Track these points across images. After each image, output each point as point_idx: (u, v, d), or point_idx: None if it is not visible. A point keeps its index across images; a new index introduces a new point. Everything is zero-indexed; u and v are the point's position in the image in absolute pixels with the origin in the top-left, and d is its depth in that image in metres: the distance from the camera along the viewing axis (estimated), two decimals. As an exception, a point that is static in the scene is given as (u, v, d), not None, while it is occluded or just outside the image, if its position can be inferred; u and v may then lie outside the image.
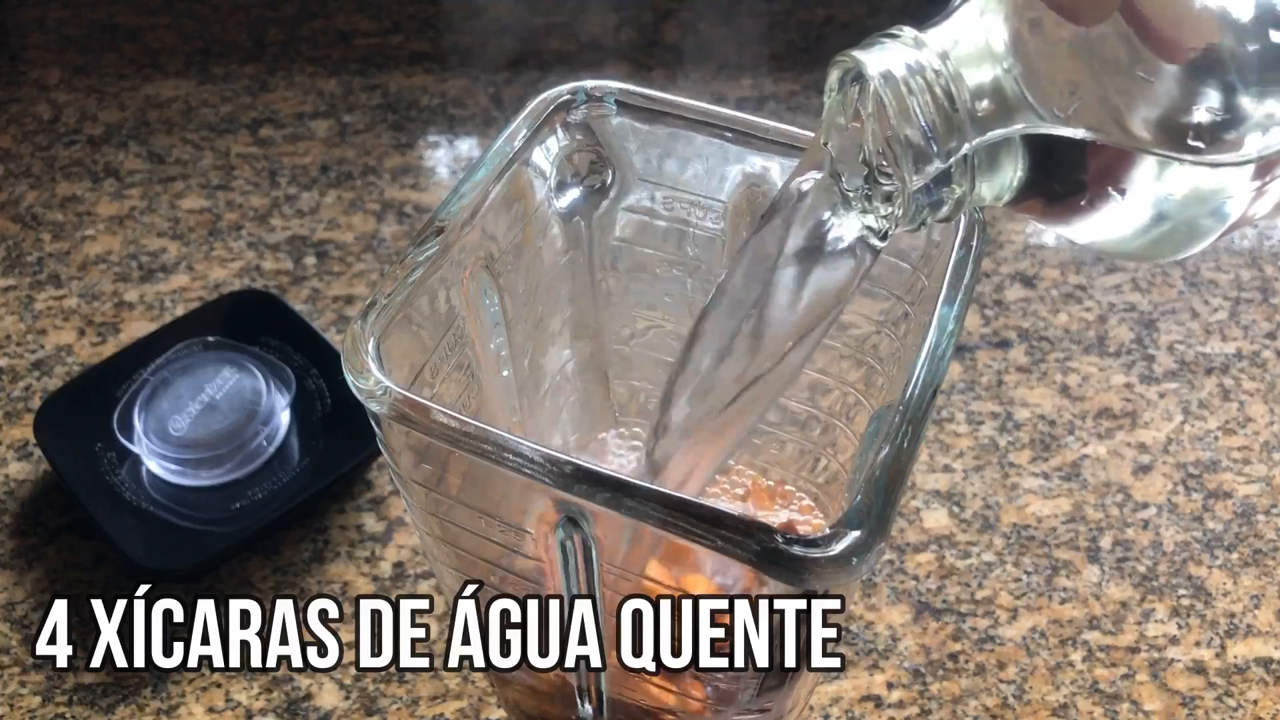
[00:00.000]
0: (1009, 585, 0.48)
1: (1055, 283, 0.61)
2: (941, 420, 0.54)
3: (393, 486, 0.51)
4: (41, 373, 0.56)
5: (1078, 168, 0.25)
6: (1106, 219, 0.26)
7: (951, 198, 0.27)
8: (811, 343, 0.30)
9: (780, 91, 0.72)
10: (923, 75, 0.25)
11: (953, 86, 0.25)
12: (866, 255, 0.29)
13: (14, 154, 0.67)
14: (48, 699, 0.44)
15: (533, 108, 0.35)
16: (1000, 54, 0.25)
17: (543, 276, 0.37)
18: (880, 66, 0.26)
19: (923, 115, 0.25)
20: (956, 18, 0.26)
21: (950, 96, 0.25)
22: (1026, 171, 0.26)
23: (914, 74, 0.25)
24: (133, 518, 0.47)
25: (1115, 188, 0.25)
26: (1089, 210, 0.26)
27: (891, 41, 0.26)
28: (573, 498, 0.27)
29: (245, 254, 0.61)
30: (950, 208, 0.27)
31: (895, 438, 0.27)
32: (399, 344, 0.30)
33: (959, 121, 0.25)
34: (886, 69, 0.25)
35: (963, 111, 0.25)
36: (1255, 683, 0.46)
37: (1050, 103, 0.25)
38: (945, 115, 0.25)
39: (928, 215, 0.27)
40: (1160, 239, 0.26)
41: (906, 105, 0.25)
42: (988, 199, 0.27)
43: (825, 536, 0.25)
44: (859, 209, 0.28)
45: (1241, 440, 0.54)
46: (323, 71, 0.73)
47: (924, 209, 0.27)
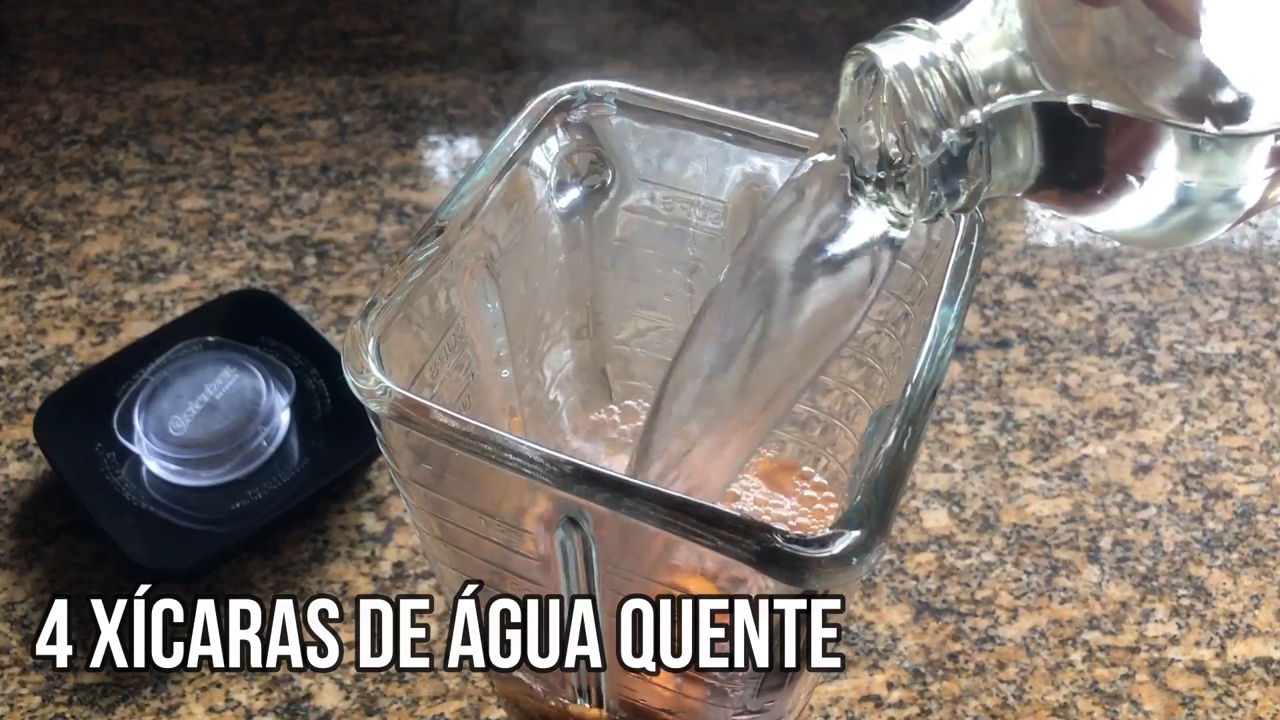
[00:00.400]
0: (1009, 585, 0.48)
1: (1055, 283, 0.61)
2: (941, 420, 0.54)
3: (393, 486, 0.51)
4: (41, 373, 0.56)
5: (1095, 155, 0.25)
6: (1124, 207, 0.26)
7: (968, 188, 0.27)
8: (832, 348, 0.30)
9: (780, 91, 0.72)
10: (936, 66, 0.25)
11: (966, 76, 0.25)
12: (885, 251, 0.29)
13: (14, 154, 0.67)
14: (48, 699, 0.44)
15: (533, 108, 0.35)
16: (1016, 40, 0.25)
17: (543, 277, 0.37)
18: (894, 59, 0.26)
19: (936, 104, 0.25)
20: (970, 8, 0.26)
21: (964, 85, 0.25)
22: (1043, 160, 0.26)
23: (928, 66, 0.25)
24: (133, 518, 0.47)
25: (1134, 175, 0.25)
26: (1106, 198, 0.26)
27: (906, 34, 0.26)
28: (573, 497, 0.27)
29: (245, 254, 0.61)
30: (967, 198, 0.27)
31: (895, 438, 0.27)
32: (399, 344, 0.30)
33: (973, 111, 0.25)
34: (901, 61, 0.26)
35: (976, 99, 0.25)
36: (1255, 683, 0.46)
37: (1069, 88, 0.25)
38: (959, 103, 0.25)
39: (945, 206, 0.27)
40: (1177, 226, 0.26)
41: (920, 95, 0.25)
42: (1005, 189, 0.27)
43: (825, 536, 0.25)
44: (874, 199, 0.28)
45: (1241, 440, 0.54)
46: (323, 71, 0.73)
47: (940, 199, 0.27)
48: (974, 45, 0.26)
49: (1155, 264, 0.62)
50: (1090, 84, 0.24)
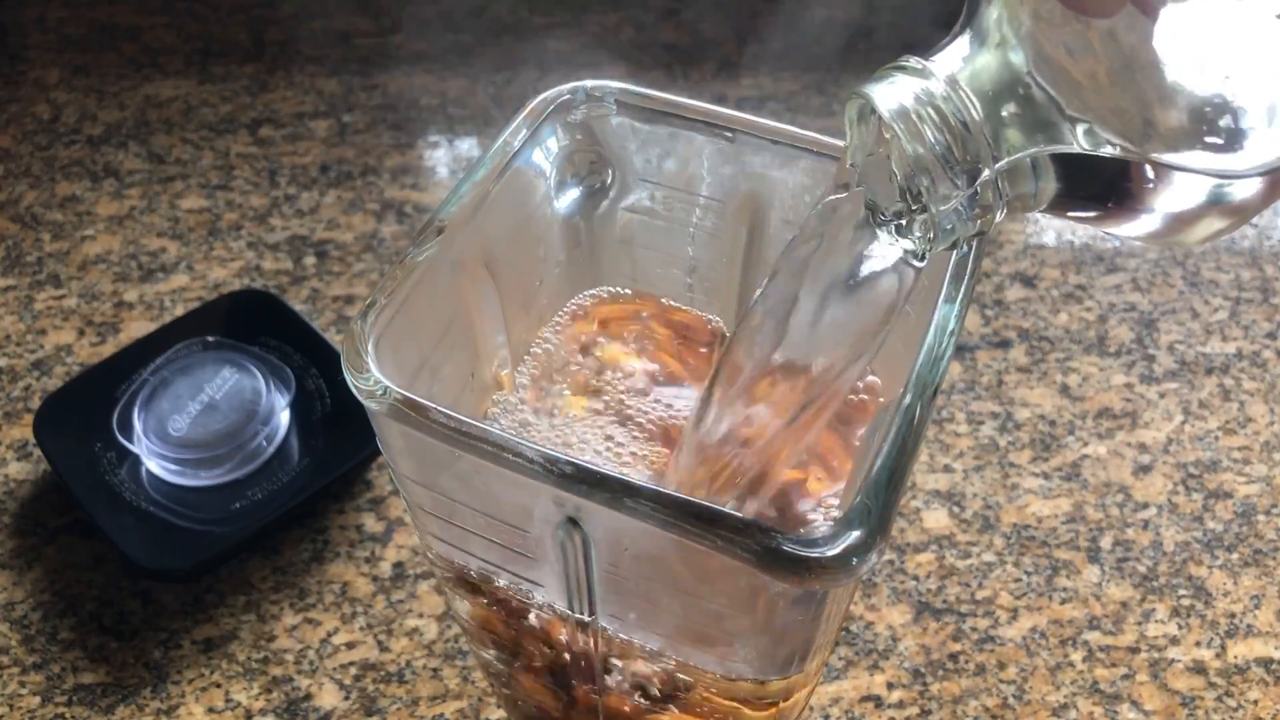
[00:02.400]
0: (1009, 585, 0.48)
1: (1055, 283, 0.61)
2: (941, 420, 0.54)
3: (393, 486, 0.51)
4: (41, 373, 0.56)
5: (1111, 176, 0.25)
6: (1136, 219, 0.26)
7: (982, 216, 0.27)
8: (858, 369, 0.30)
9: (780, 91, 0.72)
10: (932, 104, 0.25)
11: (964, 110, 0.25)
12: (909, 274, 0.29)
13: (14, 154, 0.67)
14: (48, 699, 0.44)
15: (533, 108, 0.35)
16: (1015, 64, 0.25)
17: (543, 276, 0.37)
18: (890, 103, 0.26)
19: (937, 144, 0.25)
20: (959, 41, 0.26)
21: (964, 120, 0.25)
22: (1059, 183, 0.26)
23: (923, 104, 0.25)
24: (133, 518, 0.47)
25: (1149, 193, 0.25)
26: (1118, 213, 0.26)
27: (899, 74, 0.26)
28: (573, 497, 0.27)
29: (245, 254, 0.61)
30: (982, 224, 0.27)
31: (895, 438, 0.27)
32: (399, 344, 0.30)
33: (975, 144, 0.25)
34: (897, 103, 0.26)
35: (976, 132, 0.25)
36: (1255, 683, 0.46)
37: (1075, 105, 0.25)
38: (960, 139, 0.25)
39: (960, 235, 0.27)
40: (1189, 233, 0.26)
41: (921, 134, 0.25)
42: (1019, 210, 0.27)
43: (825, 536, 0.25)
44: (893, 234, 0.28)
45: (1241, 440, 0.54)
46: (323, 71, 0.73)
47: (955, 230, 0.27)
48: (967, 74, 0.26)
49: (1155, 264, 0.62)
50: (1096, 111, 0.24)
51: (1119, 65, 0.25)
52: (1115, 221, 0.26)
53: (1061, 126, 0.25)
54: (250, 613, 0.47)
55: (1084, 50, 0.25)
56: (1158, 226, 0.26)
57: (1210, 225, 0.25)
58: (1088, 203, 0.26)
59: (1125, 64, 0.24)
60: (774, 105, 0.71)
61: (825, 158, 0.34)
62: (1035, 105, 0.25)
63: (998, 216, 0.27)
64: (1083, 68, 0.25)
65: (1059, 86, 0.25)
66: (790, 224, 0.35)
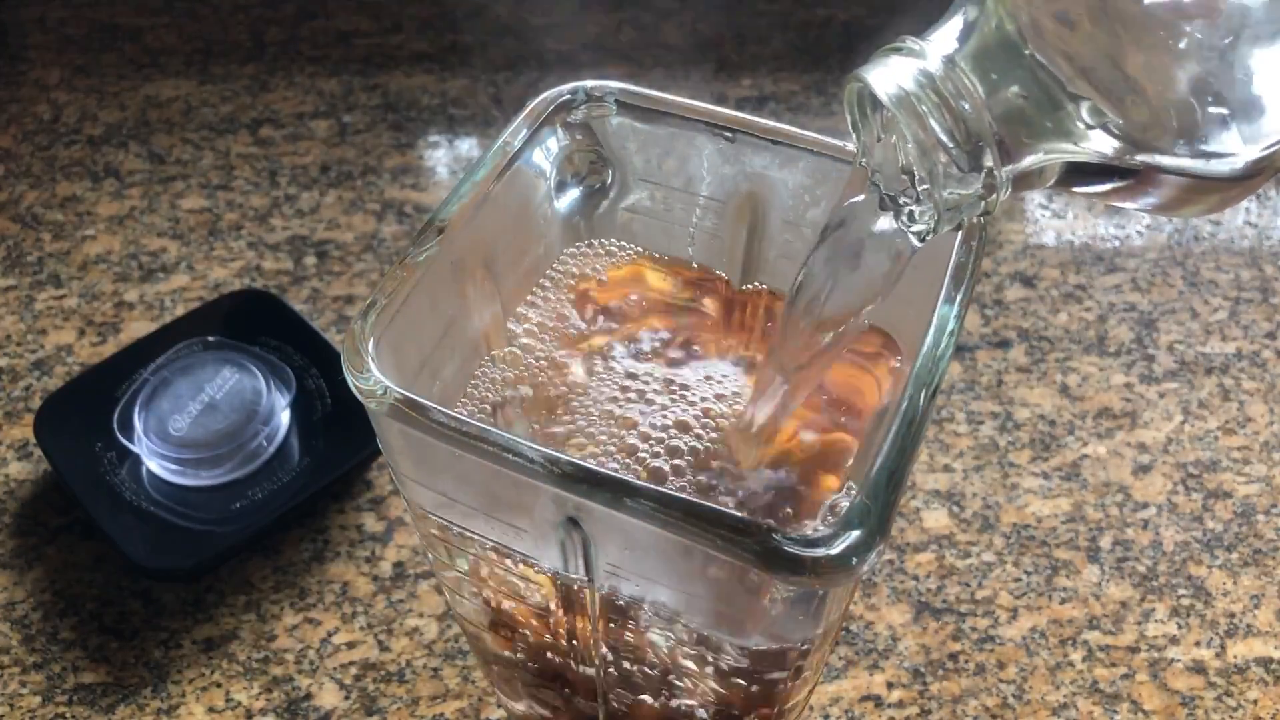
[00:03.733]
0: (1009, 585, 0.48)
1: (1055, 283, 0.61)
2: (941, 420, 0.54)
3: (393, 486, 0.51)
4: (41, 373, 0.56)
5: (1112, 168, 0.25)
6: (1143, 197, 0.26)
7: (987, 196, 0.27)
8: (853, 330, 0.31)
9: (780, 91, 0.72)
10: (931, 85, 0.25)
11: (964, 89, 0.25)
12: (909, 247, 0.29)
13: (14, 154, 0.67)
14: (48, 699, 0.44)
15: (533, 108, 0.35)
16: (1013, 41, 0.25)
17: (543, 276, 0.37)
18: (889, 86, 0.25)
19: (939, 127, 0.25)
20: (955, 20, 0.26)
21: (964, 100, 0.25)
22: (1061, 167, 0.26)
23: (922, 86, 0.25)
24: (133, 518, 0.47)
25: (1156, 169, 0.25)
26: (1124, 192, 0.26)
27: (895, 55, 0.26)
28: (573, 497, 0.27)
29: (245, 254, 0.61)
30: (988, 204, 0.27)
31: (895, 438, 0.27)
32: (399, 344, 0.30)
33: (977, 123, 0.25)
34: (896, 87, 0.25)
35: (976, 112, 0.25)
36: (1255, 683, 0.46)
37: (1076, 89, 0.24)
38: (962, 119, 0.25)
39: (965, 214, 0.27)
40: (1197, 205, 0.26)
41: (920, 117, 0.25)
42: (1025, 188, 0.27)
43: (825, 536, 0.25)
44: (906, 219, 0.28)
45: (1241, 440, 0.54)
46: (323, 71, 0.73)
47: (961, 208, 0.27)
48: (965, 53, 0.25)
49: (1155, 264, 0.62)
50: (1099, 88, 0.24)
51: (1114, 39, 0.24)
52: (1121, 198, 0.26)
53: (1066, 106, 0.25)
54: (250, 612, 0.47)
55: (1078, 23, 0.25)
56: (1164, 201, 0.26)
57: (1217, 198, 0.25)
58: (1092, 179, 0.26)
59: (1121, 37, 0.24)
60: (774, 105, 0.71)
61: (825, 158, 0.34)
62: (1039, 83, 0.25)
63: (1003, 195, 0.27)
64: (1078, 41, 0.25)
65: (1057, 63, 0.25)
66: (790, 224, 0.35)
